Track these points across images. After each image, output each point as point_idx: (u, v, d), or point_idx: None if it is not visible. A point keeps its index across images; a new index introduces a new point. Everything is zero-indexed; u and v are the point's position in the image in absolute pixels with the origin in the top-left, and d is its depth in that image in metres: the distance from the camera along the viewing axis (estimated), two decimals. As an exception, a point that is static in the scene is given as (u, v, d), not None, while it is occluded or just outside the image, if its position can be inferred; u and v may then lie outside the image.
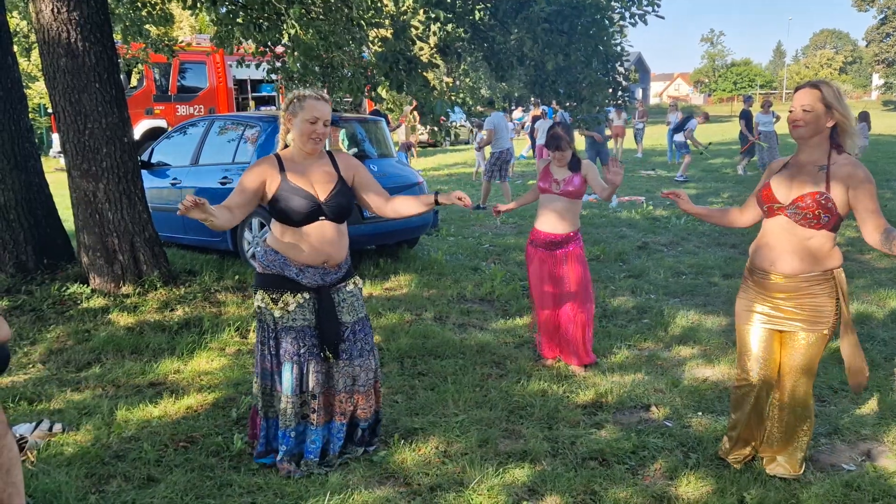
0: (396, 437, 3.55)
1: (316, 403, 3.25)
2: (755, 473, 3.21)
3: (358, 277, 3.44)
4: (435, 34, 7.20)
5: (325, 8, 7.37)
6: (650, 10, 6.62)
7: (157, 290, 6.04)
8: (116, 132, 6.00)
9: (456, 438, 3.57)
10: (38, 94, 22.30)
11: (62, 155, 6.44)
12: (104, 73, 5.91)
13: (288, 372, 3.21)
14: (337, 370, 3.29)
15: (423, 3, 6.86)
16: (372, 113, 13.77)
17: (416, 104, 7.06)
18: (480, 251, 8.17)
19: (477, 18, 6.95)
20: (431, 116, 6.74)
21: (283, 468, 3.25)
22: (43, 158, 8.00)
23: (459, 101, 7.94)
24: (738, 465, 3.26)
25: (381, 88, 7.64)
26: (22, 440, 3.45)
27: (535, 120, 18.88)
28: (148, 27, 8.96)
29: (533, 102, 23.46)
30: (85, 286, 6.06)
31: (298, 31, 7.45)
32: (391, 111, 21.75)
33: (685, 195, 3.34)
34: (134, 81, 17.06)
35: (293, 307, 3.18)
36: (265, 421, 3.35)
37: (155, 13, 8.59)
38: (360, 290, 3.41)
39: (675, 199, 3.33)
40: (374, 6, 7.49)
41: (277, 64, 8.07)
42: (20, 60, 10.00)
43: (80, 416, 3.86)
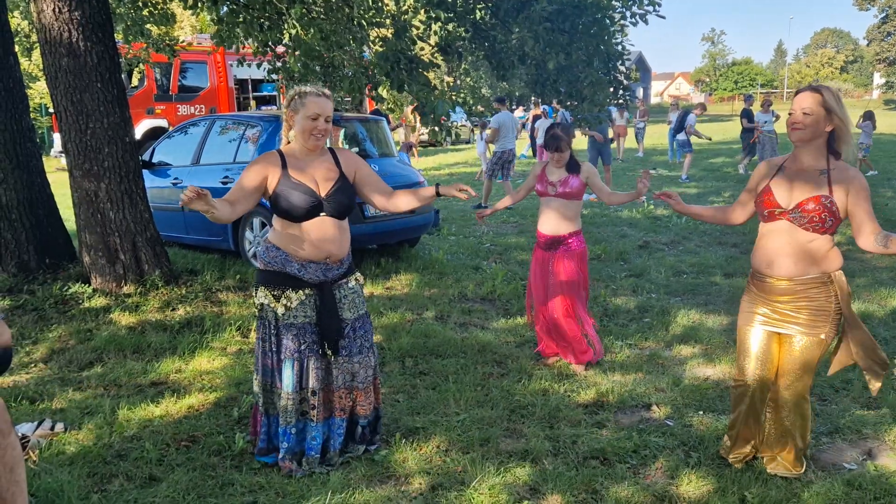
0: (398, 436, 3.56)
1: (316, 400, 3.25)
2: (756, 472, 3.22)
3: (359, 274, 3.44)
4: (436, 33, 7.20)
5: (326, 7, 7.38)
6: (651, 9, 6.62)
7: (158, 289, 6.05)
8: (118, 132, 6.00)
9: (457, 437, 3.58)
10: (39, 93, 22.33)
11: (64, 155, 6.44)
12: (106, 72, 5.92)
13: (289, 369, 3.21)
14: (336, 366, 3.29)
15: (424, 2, 6.86)
16: (373, 113, 13.78)
17: (415, 104, 7.06)
18: (481, 250, 8.17)
19: (478, 18, 6.95)
20: (432, 116, 6.75)
21: (285, 466, 3.25)
22: (44, 158, 8.01)
23: (460, 100, 7.93)
24: (739, 464, 3.27)
25: (381, 88, 7.65)
26: (24, 439, 3.45)
27: (535, 119, 18.88)
28: (149, 27, 8.97)
29: (533, 101, 23.46)
30: (86, 286, 6.06)
31: (299, 30, 7.46)
32: (392, 111, 21.75)
33: (677, 196, 3.36)
34: (135, 81, 17.08)
35: (295, 304, 3.19)
36: (266, 418, 3.35)
37: (156, 13, 8.60)
38: (361, 286, 3.41)
39: (667, 200, 3.34)
40: (375, 6, 7.50)
41: (278, 64, 8.08)
42: (21, 60, 10.03)
43: (82, 415, 3.87)
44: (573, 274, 4.52)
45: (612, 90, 7.17)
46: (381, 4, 7.64)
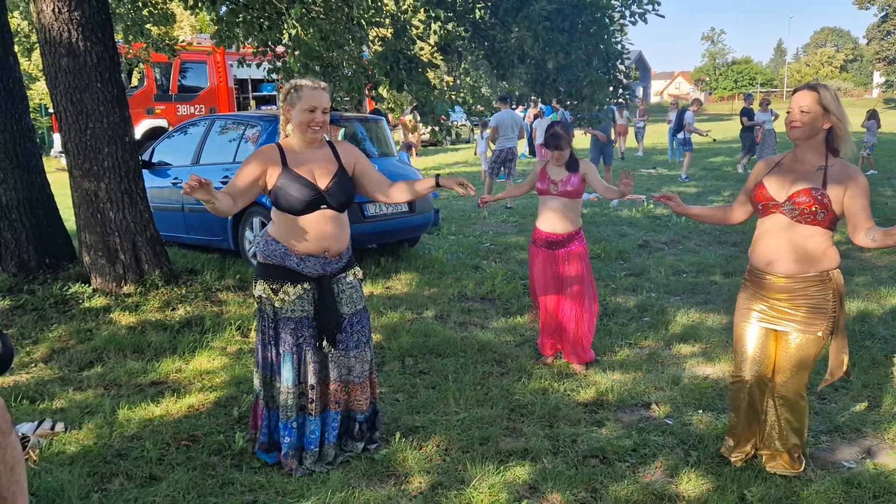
0: (398, 435, 3.56)
1: (314, 394, 3.25)
2: (756, 471, 3.22)
3: (358, 268, 3.43)
4: (435, 33, 7.20)
5: (325, 7, 7.39)
6: (650, 8, 6.62)
7: (158, 289, 6.05)
8: (118, 132, 6.01)
9: (457, 436, 3.58)
10: (39, 94, 22.33)
11: (63, 155, 6.44)
12: (105, 72, 5.92)
13: (288, 363, 3.22)
14: (332, 360, 3.30)
15: (423, 2, 6.86)
16: (372, 112, 13.78)
17: (414, 104, 7.07)
18: (481, 250, 8.18)
19: (477, 17, 6.95)
20: (432, 116, 6.75)
21: (287, 464, 3.26)
22: (44, 158, 8.01)
23: (460, 100, 7.93)
24: (738, 462, 3.27)
25: (381, 88, 7.65)
26: (24, 439, 3.46)
27: (534, 119, 18.90)
28: (149, 27, 8.97)
29: (532, 101, 23.44)
30: (86, 285, 6.07)
31: (299, 30, 7.46)
32: (392, 110, 21.74)
33: (677, 197, 3.36)
34: (135, 81, 17.07)
35: (293, 298, 3.19)
36: (266, 411, 3.35)
37: (156, 13, 8.61)
38: (359, 281, 3.41)
39: (666, 202, 3.35)
40: (374, 5, 7.50)
41: (278, 63, 8.08)
42: (21, 60, 10.03)
43: (82, 414, 3.87)
44: (582, 276, 4.53)
45: (611, 89, 7.17)
46: (380, 4, 7.64)
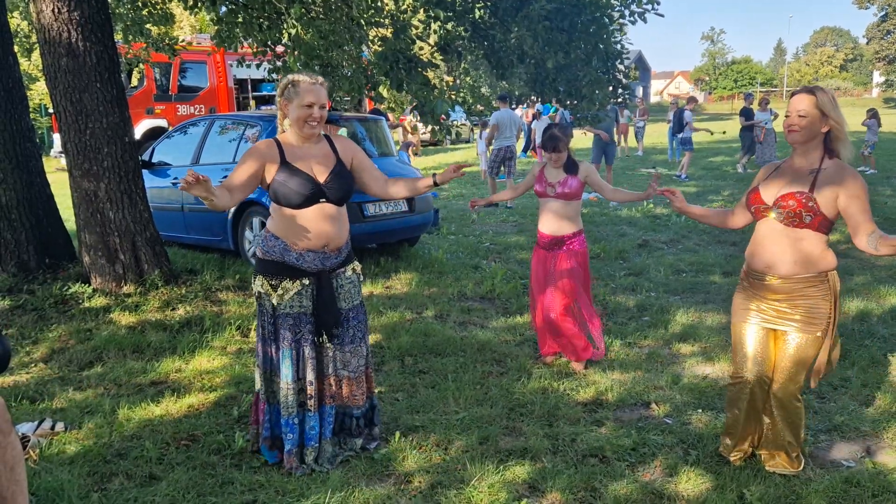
0: (397, 434, 3.56)
1: (312, 389, 3.26)
2: (755, 470, 3.22)
3: (357, 263, 3.44)
4: (435, 32, 7.20)
5: (325, 7, 7.39)
6: (650, 7, 6.62)
7: (158, 289, 6.05)
8: (117, 132, 6.01)
9: (456, 436, 3.58)
10: (38, 94, 22.34)
11: (63, 155, 6.45)
12: (105, 72, 5.93)
13: (287, 359, 3.22)
14: (328, 355, 3.30)
15: (423, 2, 6.86)
16: (372, 112, 13.78)
17: (413, 104, 7.07)
18: (481, 249, 8.18)
19: (477, 17, 6.95)
20: (432, 115, 6.75)
21: (288, 461, 3.26)
22: (44, 158, 8.02)
23: (460, 100, 7.93)
24: (737, 461, 3.27)
25: (381, 87, 7.65)
26: (24, 439, 3.46)
27: (533, 118, 18.91)
28: (149, 27, 8.97)
29: (532, 100, 23.43)
30: (86, 285, 6.07)
31: (299, 30, 7.46)
32: (392, 110, 21.73)
33: (680, 194, 3.36)
34: (135, 81, 17.07)
35: (292, 294, 3.19)
36: (268, 406, 3.35)
37: (155, 13, 8.60)
38: (358, 276, 3.42)
39: (670, 196, 3.34)
40: (374, 5, 7.50)
41: (278, 63, 8.08)
42: (21, 61, 10.03)
43: (82, 414, 3.87)
44: (574, 274, 4.53)
45: (611, 89, 7.17)
46: (380, 4, 7.64)
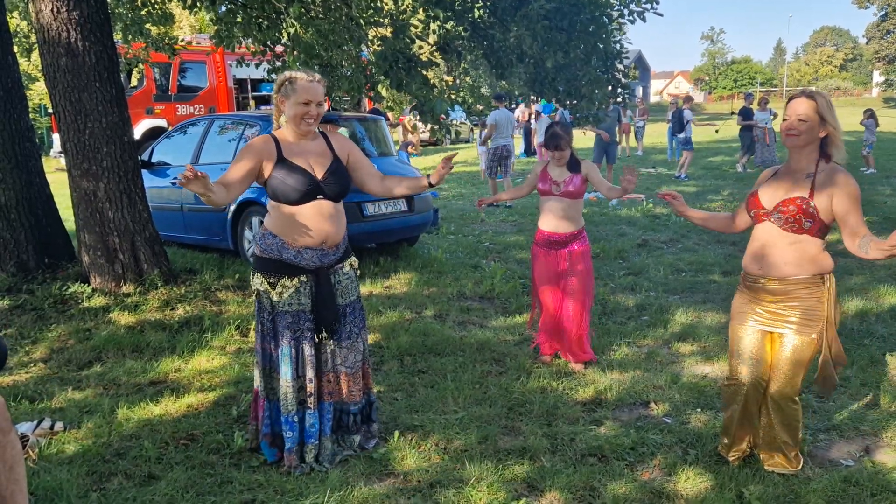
0: (396, 434, 3.56)
1: (312, 387, 3.26)
2: (754, 469, 3.22)
3: (354, 258, 3.44)
4: (434, 32, 7.20)
5: (324, 7, 7.38)
6: (649, 6, 6.61)
7: (157, 288, 6.05)
8: (117, 131, 6.01)
9: (455, 435, 3.58)
10: (38, 94, 22.33)
11: (63, 154, 6.44)
12: (104, 72, 5.92)
13: (286, 357, 3.22)
14: (324, 351, 3.31)
15: (422, 1, 6.86)
16: (371, 111, 13.78)
17: (413, 104, 7.07)
18: (480, 249, 8.18)
19: (476, 16, 6.94)
20: (431, 115, 6.75)
21: (288, 460, 3.26)
22: (44, 158, 8.01)
23: (460, 99, 7.93)
24: (735, 461, 3.28)
25: (380, 87, 7.65)
26: (23, 438, 3.46)
27: (530, 118, 18.91)
28: (148, 26, 8.97)
29: (532, 100, 23.42)
30: (86, 285, 6.07)
31: (298, 29, 7.46)
32: (391, 109, 21.73)
33: (681, 198, 3.36)
34: (134, 81, 17.07)
35: (290, 291, 3.20)
36: (267, 402, 3.35)
37: (155, 12, 8.60)
38: (355, 271, 3.42)
39: (670, 200, 3.34)
40: (373, 5, 7.50)
41: (277, 63, 8.08)
42: (20, 61, 10.01)
43: (81, 414, 3.87)
44: (584, 275, 4.53)
45: (610, 88, 7.17)
46: (379, 4, 7.63)
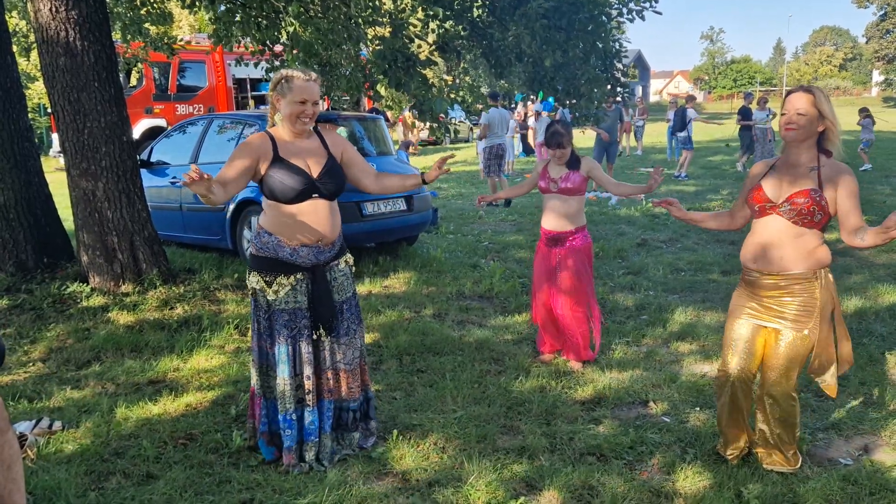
0: (395, 433, 3.56)
1: (310, 384, 3.26)
2: (753, 468, 3.23)
3: (349, 255, 3.44)
4: (433, 31, 7.20)
5: (323, 6, 7.38)
6: (647, 5, 6.61)
7: (156, 288, 6.05)
8: (115, 131, 6.00)
9: (454, 434, 3.58)
10: (37, 93, 22.32)
11: (62, 154, 6.44)
12: (103, 71, 5.92)
13: (283, 355, 3.22)
14: (322, 349, 3.31)
15: (421, 1, 6.85)
16: (370, 111, 13.78)
17: (412, 103, 7.06)
18: (479, 248, 8.18)
19: (475, 15, 6.94)
20: (430, 114, 6.75)
21: (287, 458, 3.26)
22: (43, 158, 8.01)
23: (459, 99, 7.93)
24: (733, 459, 3.28)
25: (379, 86, 7.64)
26: (22, 438, 3.46)
27: (535, 117, 18.87)
28: (147, 26, 8.97)
29: (532, 99, 23.40)
30: (84, 285, 6.07)
31: (297, 28, 7.45)
32: (390, 108, 21.72)
33: (677, 203, 3.36)
34: (133, 81, 17.07)
35: (286, 290, 3.20)
36: (264, 401, 3.35)
37: (154, 12, 8.60)
38: (350, 268, 3.43)
39: (667, 207, 3.34)
40: (372, 4, 7.49)
41: (276, 62, 8.07)
42: (19, 60, 10.02)
43: (79, 413, 3.87)
44: (578, 271, 4.53)
45: (609, 88, 7.16)
46: (378, 3, 7.63)
